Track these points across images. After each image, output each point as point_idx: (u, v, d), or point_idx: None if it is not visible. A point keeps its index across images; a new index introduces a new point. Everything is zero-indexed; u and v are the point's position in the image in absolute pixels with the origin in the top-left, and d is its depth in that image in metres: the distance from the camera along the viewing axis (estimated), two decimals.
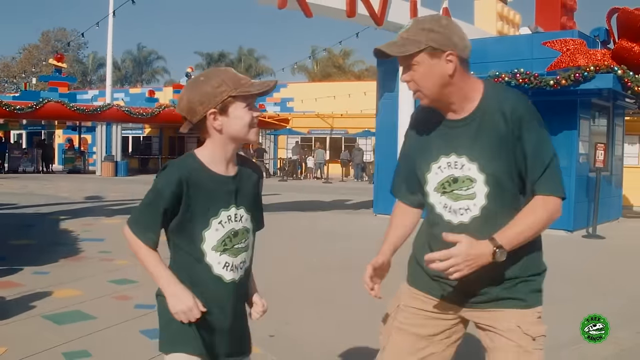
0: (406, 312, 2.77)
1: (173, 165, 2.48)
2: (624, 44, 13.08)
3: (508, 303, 2.58)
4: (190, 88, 2.49)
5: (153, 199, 2.44)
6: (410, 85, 2.52)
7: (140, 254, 2.46)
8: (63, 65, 38.22)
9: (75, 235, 11.42)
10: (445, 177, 2.58)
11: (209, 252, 2.47)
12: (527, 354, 2.53)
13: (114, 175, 34.66)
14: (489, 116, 2.50)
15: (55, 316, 6.01)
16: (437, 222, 2.63)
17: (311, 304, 6.74)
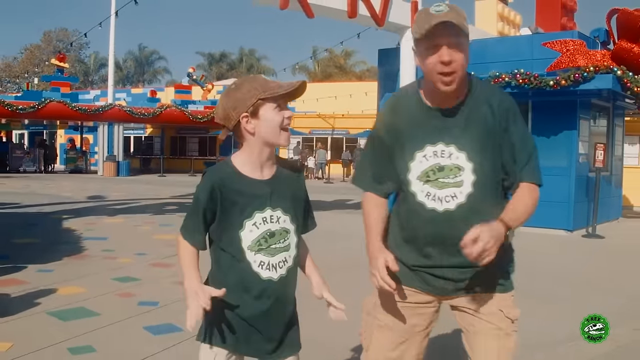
0: (385, 308, 2.81)
1: (208, 172, 2.62)
2: (623, 45, 13.13)
3: (488, 288, 2.68)
4: (224, 96, 2.60)
5: (194, 205, 2.59)
6: (451, 66, 2.48)
7: (181, 247, 2.63)
8: (65, 66, 38.25)
9: (78, 234, 11.48)
10: (430, 165, 2.63)
11: (245, 251, 2.57)
12: (507, 336, 2.66)
13: (115, 175, 34.73)
14: (477, 107, 2.60)
15: (59, 313, 6.08)
16: (417, 210, 2.66)
17: (311, 303, 6.77)
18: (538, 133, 13.41)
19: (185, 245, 2.61)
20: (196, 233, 2.59)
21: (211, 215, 2.58)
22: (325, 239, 11.49)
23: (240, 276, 2.56)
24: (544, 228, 13.11)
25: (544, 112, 13.37)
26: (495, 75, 12.86)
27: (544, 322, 6.23)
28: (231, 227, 2.57)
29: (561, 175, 13.21)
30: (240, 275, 2.57)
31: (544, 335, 5.81)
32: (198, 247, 2.61)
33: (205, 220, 2.58)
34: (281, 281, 2.61)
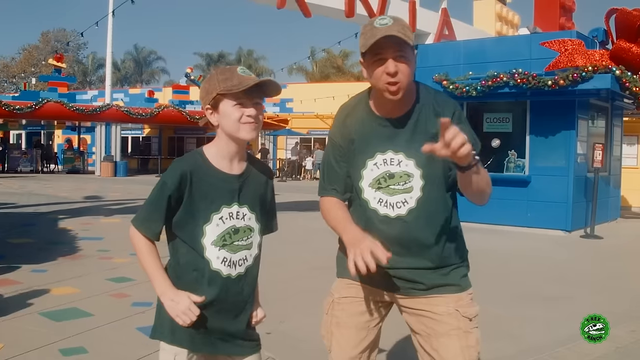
0: (342, 304, 2.83)
1: (178, 160, 2.56)
2: (622, 45, 13.10)
3: (444, 289, 2.70)
4: (202, 84, 2.60)
5: (157, 191, 2.50)
6: (396, 76, 2.52)
7: (138, 247, 2.51)
8: (62, 66, 38.20)
9: (73, 234, 11.42)
10: (381, 173, 2.69)
11: (208, 246, 2.51)
12: (466, 334, 2.67)
13: (113, 175, 34.65)
14: (424, 115, 2.64)
15: (52, 313, 6.02)
16: (371, 217, 2.72)
17: (308, 302, 6.74)
18: (536, 133, 13.40)
19: (141, 240, 2.50)
20: (153, 223, 2.49)
21: (175, 204, 2.49)
22: (322, 238, 11.45)
23: (200, 272, 2.51)
24: (542, 228, 13.10)
25: (542, 112, 13.33)
26: (494, 75, 12.83)
27: (542, 323, 6.20)
28: (197, 220, 2.50)
29: (559, 176, 13.18)
30: (199, 271, 2.51)
31: (543, 336, 5.77)
32: (152, 238, 2.50)
33: (168, 207, 2.48)
34: (238, 279, 2.57)
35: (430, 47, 15.81)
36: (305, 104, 39.20)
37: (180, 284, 2.50)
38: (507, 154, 13.82)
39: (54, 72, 36.92)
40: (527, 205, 13.50)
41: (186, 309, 2.40)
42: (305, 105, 39.12)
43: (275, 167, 39.69)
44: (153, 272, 2.48)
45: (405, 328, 2.87)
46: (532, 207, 13.47)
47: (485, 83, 12.91)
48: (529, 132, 13.54)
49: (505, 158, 13.85)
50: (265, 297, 2.79)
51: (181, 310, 2.39)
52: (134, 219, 2.53)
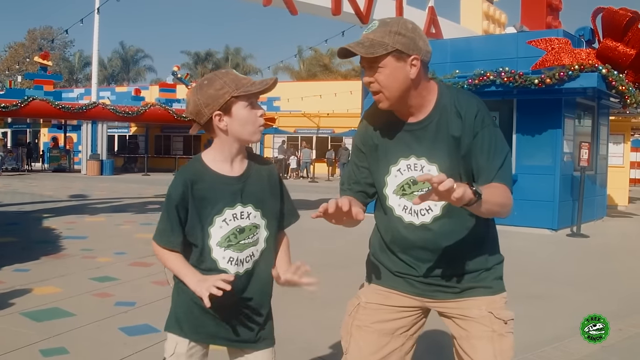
0: (367, 309, 2.73)
1: (179, 170, 2.61)
2: (608, 44, 13.12)
3: (476, 292, 2.63)
4: (195, 92, 2.55)
5: (166, 204, 2.57)
6: (372, 86, 2.51)
7: (164, 259, 2.60)
8: (48, 63, 37.93)
9: (57, 233, 11.32)
10: (405, 179, 2.62)
11: (214, 247, 2.56)
12: (501, 337, 2.59)
13: (99, 174, 34.48)
14: (445, 118, 2.54)
15: (33, 313, 5.94)
16: (396, 225, 2.65)
17: (295, 302, 6.69)
18: (523, 132, 13.41)
19: (164, 252, 2.58)
20: (171, 235, 2.56)
21: (184, 213, 2.54)
22: (309, 238, 11.41)
23: (209, 273, 2.53)
24: (529, 227, 13.10)
25: (529, 110, 13.34)
26: (480, 73, 12.81)
27: (528, 322, 6.17)
28: (201, 224, 2.54)
29: (546, 174, 13.19)
30: (208, 271, 2.54)
31: (529, 335, 5.74)
32: (176, 249, 2.57)
33: (179, 218, 2.54)
34: (247, 274, 2.62)
35: None
36: (292, 102, 39.17)
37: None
38: None
39: (40, 69, 36.65)
40: (514, 204, 13.30)
41: (215, 280, 2.39)
42: (293, 104, 39.09)
43: None
44: (184, 270, 2.55)
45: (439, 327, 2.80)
46: (518, 205, 13.33)
47: (472, 81, 12.88)
48: (515, 131, 13.55)
49: None
50: None
51: (210, 284, 2.38)
52: (154, 235, 2.60)
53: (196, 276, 2.50)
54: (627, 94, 12.80)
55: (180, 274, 2.55)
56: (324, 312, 6.02)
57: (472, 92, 2.68)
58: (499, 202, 2.45)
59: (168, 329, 2.64)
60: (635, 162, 28.58)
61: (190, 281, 2.49)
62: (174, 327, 2.61)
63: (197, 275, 2.50)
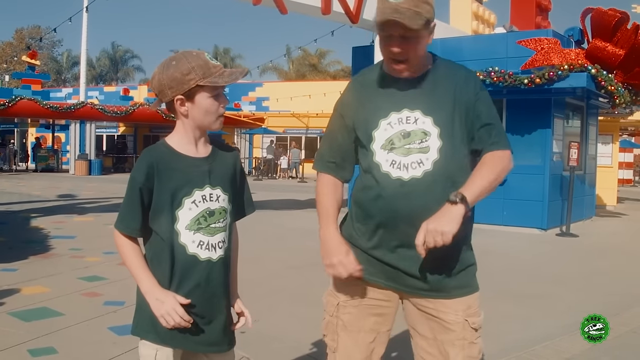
0: (348, 307, 2.72)
1: (143, 153, 2.51)
2: (597, 44, 13.17)
3: (453, 292, 2.61)
4: (161, 69, 2.47)
5: (129, 188, 2.46)
6: (399, 54, 2.48)
7: (122, 249, 2.48)
8: (36, 63, 37.77)
9: (45, 233, 11.25)
10: (395, 132, 2.56)
11: (182, 231, 2.45)
12: (471, 345, 2.61)
13: (87, 174, 34.33)
14: (444, 77, 2.57)
15: (21, 313, 5.89)
16: (381, 182, 2.55)
17: (283, 301, 6.69)
18: (512, 131, 13.41)
19: (124, 241, 2.47)
20: (130, 219, 2.45)
21: (148, 196, 2.44)
22: (298, 237, 11.41)
23: (177, 258, 2.45)
24: (518, 227, 13.14)
25: (519, 110, 13.37)
26: None
27: (519, 322, 6.19)
28: (167, 207, 2.45)
29: (535, 174, 13.22)
30: (176, 257, 2.45)
31: (520, 334, 5.74)
32: (134, 235, 2.46)
33: (142, 202, 2.44)
34: (221, 262, 2.53)
35: None
36: (281, 102, 39.14)
37: (158, 274, 2.44)
38: None
39: (28, 69, 36.47)
40: (503, 203, 13.52)
41: (171, 309, 2.35)
42: (282, 104, 39.07)
43: (251, 165, 39.62)
44: (138, 271, 2.44)
45: None
46: (508, 205, 13.49)
47: None
48: (505, 130, 13.54)
49: None
50: (241, 296, 2.72)
51: (166, 311, 2.35)
52: (115, 222, 2.49)
53: (154, 290, 2.40)
54: (616, 94, 12.84)
55: (136, 276, 2.44)
56: (313, 310, 5.98)
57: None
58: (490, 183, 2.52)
59: (142, 334, 2.49)
60: (623, 162, 28.70)
61: (147, 292, 2.41)
62: (150, 332, 2.46)
63: (153, 286, 2.41)
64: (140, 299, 2.48)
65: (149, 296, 2.39)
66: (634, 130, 25.19)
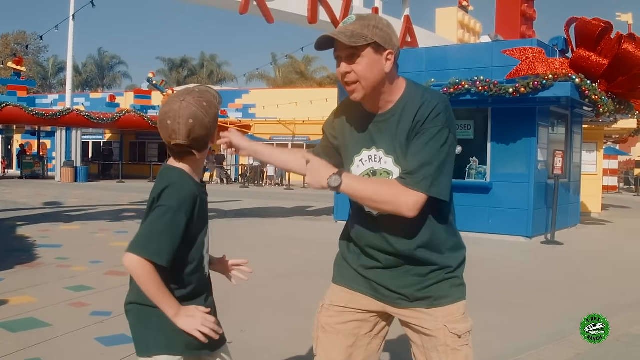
0: (330, 311, 2.80)
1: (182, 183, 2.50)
2: (581, 53, 13.27)
3: (431, 302, 2.65)
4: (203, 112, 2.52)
5: (173, 217, 2.41)
6: (349, 76, 2.54)
7: (147, 278, 2.38)
8: (22, 69, 37.63)
9: (31, 242, 11.20)
10: (366, 169, 2.68)
11: (205, 255, 2.63)
12: (454, 352, 2.63)
13: (73, 181, 34.22)
14: (407, 113, 2.57)
15: (8, 324, 5.87)
16: (358, 215, 2.72)
17: (270, 310, 6.70)
18: (497, 140, 13.52)
19: (147, 268, 2.36)
20: (169, 252, 2.39)
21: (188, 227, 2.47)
22: (285, 245, 11.43)
23: (199, 282, 2.58)
24: (504, 235, 13.21)
25: (504, 119, 13.45)
26: (456, 82, 12.90)
27: (504, 330, 6.22)
28: (199, 234, 2.56)
29: (520, 182, 13.31)
30: (199, 281, 2.58)
31: (504, 342, 5.79)
32: (167, 266, 2.39)
33: (185, 235, 2.44)
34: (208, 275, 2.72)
35: None
36: (267, 109, 39.11)
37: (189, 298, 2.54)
38: (469, 160, 13.92)
39: (13, 75, 36.37)
40: (489, 211, 13.60)
41: (204, 320, 2.46)
42: (268, 111, 39.04)
43: (238, 173, 39.58)
44: (162, 296, 2.41)
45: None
46: (493, 213, 13.57)
47: (447, 90, 12.97)
48: (490, 139, 13.66)
49: (466, 165, 13.94)
50: (227, 305, 2.78)
51: (200, 323, 2.45)
52: (139, 248, 2.38)
53: (180, 310, 2.44)
54: (600, 103, 12.94)
55: (158, 296, 2.40)
56: (299, 320, 6.02)
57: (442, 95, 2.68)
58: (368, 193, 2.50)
59: (158, 350, 2.48)
60: (608, 169, 28.90)
61: (174, 315, 2.42)
62: (166, 347, 2.48)
63: (180, 307, 2.45)
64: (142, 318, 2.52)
65: (178, 318, 2.43)
66: (618, 137, 25.34)
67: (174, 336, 2.47)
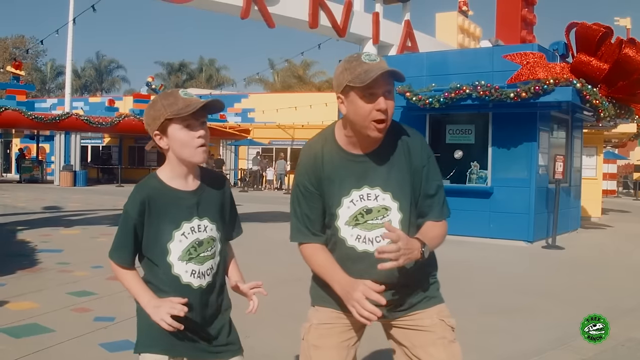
0: (320, 330, 2.83)
1: (136, 188, 2.66)
2: (582, 58, 13.30)
3: (425, 304, 2.79)
4: (146, 110, 2.65)
5: (123, 222, 2.61)
6: (384, 114, 2.55)
7: (119, 275, 2.66)
8: (21, 73, 37.61)
9: (32, 246, 11.19)
10: (358, 209, 2.70)
11: (175, 263, 2.60)
12: (451, 343, 2.75)
13: (72, 185, 34.19)
14: (396, 149, 2.69)
15: (11, 329, 5.86)
16: (349, 254, 2.72)
17: (273, 316, 6.68)
18: (498, 145, 13.51)
19: (119, 268, 2.65)
20: (124, 252, 2.62)
21: (141, 229, 2.60)
22: (285, 250, 11.39)
23: (173, 288, 2.59)
24: (505, 239, 13.20)
25: (504, 123, 13.45)
26: (457, 86, 12.91)
27: (509, 335, 6.22)
28: (160, 240, 2.60)
29: (521, 187, 13.31)
30: (172, 287, 2.60)
31: (510, 348, 5.78)
32: (127, 266, 2.64)
33: (135, 235, 2.60)
34: (209, 288, 2.68)
35: (394, 59, 15.89)
36: (267, 114, 39.09)
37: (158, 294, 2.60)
38: (470, 165, 13.92)
39: (12, 79, 36.33)
40: (490, 216, 13.60)
41: (169, 309, 2.45)
42: (267, 116, 39.02)
43: (237, 177, 39.56)
44: (136, 288, 2.60)
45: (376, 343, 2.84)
46: (494, 218, 13.57)
47: (448, 95, 12.99)
48: (491, 144, 13.66)
49: (467, 169, 13.95)
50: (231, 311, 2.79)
51: (165, 312, 2.45)
52: (110, 252, 2.66)
53: (151, 300, 2.54)
54: (600, 107, 12.95)
55: (135, 293, 2.60)
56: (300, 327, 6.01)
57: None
58: (438, 243, 2.73)
59: (144, 349, 2.63)
60: (607, 173, 28.93)
61: (145, 304, 2.54)
62: (151, 346, 2.61)
63: (151, 298, 2.55)
64: (140, 318, 2.64)
65: (148, 308, 2.52)
66: (617, 142, 25.35)
67: (158, 336, 2.56)
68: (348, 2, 14.97)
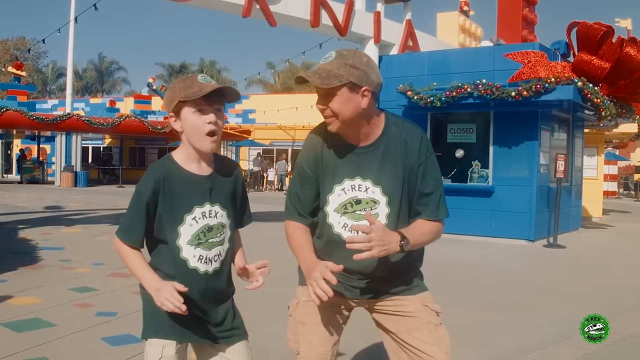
0: (307, 307, 2.86)
1: (151, 167, 2.65)
2: (583, 57, 13.30)
3: (410, 291, 2.85)
4: (166, 92, 2.68)
5: (135, 201, 2.60)
6: (325, 112, 2.66)
7: (124, 256, 2.61)
8: (22, 74, 37.63)
9: (34, 244, 11.20)
10: (348, 198, 2.77)
11: (184, 246, 2.60)
12: (437, 327, 2.79)
13: (73, 185, 34.20)
14: (392, 144, 2.75)
15: (14, 324, 5.87)
16: (335, 240, 2.78)
17: (274, 311, 6.68)
18: (500, 144, 13.52)
19: (126, 248, 2.60)
20: (134, 231, 2.59)
21: (153, 210, 2.59)
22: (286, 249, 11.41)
23: (180, 271, 2.60)
24: (506, 238, 13.20)
25: (506, 122, 13.46)
26: (458, 85, 12.91)
27: (511, 330, 6.23)
28: (172, 222, 2.60)
29: (523, 186, 13.32)
30: (179, 270, 2.60)
31: (511, 343, 5.78)
32: (136, 247, 2.60)
33: (147, 214, 2.58)
34: (215, 274, 2.69)
35: (395, 58, 15.90)
36: (268, 115, 39.11)
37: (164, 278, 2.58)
38: (471, 164, 13.93)
39: (14, 80, 36.37)
40: (491, 215, 13.60)
41: (169, 295, 2.43)
42: (268, 116, 39.04)
43: None
44: (141, 271, 2.57)
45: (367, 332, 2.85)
46: (495, 217, 13.57)
47: (450, 94, 12.99)
48: (492, 143, 13.66)
49: (469, 168, 13.95)
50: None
51: (165, 297, 2.43)
52: (117, 230, 2.63)
53: (154, 282, 2.52)
54: (602, 106, 12.96)
55: (138, 275, 2.57)
56: None
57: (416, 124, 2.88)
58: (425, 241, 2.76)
59: (151, 334, 2.64)
60: (608, 174, 28.91)
61: (148, 286, 2.53)
62: (158, 331, 2.62)
63: (155, 280, 2.54)
64: (145, 303, 2.64)
65: (150, 290, 2.51)
66: (618, 142, 25.36)
67: (164, 321, 2.59)
68: (349, 1, 14.98)
